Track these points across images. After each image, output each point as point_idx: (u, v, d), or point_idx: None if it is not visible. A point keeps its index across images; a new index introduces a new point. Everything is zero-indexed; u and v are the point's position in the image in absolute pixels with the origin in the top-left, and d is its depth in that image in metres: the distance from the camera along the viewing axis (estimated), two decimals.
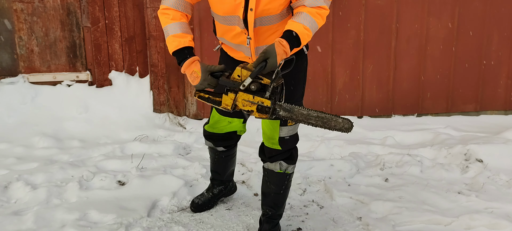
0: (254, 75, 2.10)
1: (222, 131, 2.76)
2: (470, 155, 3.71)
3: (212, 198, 3.04)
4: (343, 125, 2.19)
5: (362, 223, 2.87)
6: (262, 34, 2.29)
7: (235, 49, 2.43)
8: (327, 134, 4.53)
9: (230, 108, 2.19)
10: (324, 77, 4.82)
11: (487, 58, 4.99)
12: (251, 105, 2.16)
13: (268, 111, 2.15)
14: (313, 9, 2.19)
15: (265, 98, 2.13)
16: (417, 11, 4.78)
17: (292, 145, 2.55)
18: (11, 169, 3.55)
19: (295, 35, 2.14)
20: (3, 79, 4.66)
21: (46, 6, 4.62)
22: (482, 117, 5.09)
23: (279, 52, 2.09)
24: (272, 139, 2.51)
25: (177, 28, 2.24)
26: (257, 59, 2.10)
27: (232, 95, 2.17)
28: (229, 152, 2.91)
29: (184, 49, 2.24)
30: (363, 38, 4.78)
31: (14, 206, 3.02)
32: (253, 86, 2.12)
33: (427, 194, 3.19)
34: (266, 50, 2.08)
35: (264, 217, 2.71)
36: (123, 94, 4.76)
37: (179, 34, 2.24)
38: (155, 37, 4.62)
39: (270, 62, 2.07)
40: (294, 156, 2.60)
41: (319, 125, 2.18)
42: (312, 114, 2.17)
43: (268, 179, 2.63)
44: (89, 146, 4.09)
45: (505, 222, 2.78)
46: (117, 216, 2.85)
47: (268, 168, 2.61)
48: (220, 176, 3.02)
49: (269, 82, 2.11)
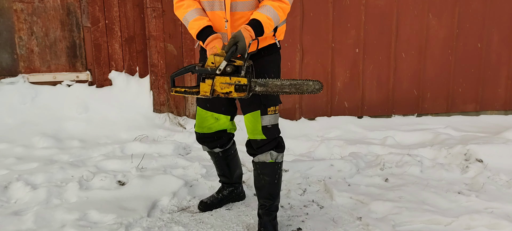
0: (228, 58, 2.28)
1: (211, 130, 2.79)
2: (470, 155, 3.71)
3: (221, 200, 3.07)
4: (314, 86, 2.36)
5: (362, 223, 2.87)
6: (237, 20, 2.45)
7: None
8: (327, 134, 4.53)
9: (209, 94, 2.34)
10: (324, 77, 4.82)
11: (487, 58, 4.99)
12: (228, 87, 2.32)
13: (246, 89, 2.32)
14: (275, 3, 2.40)
15: (241, 77, 2.31)
16: (417, 11, 4.79)
17: (276, 133, 2.63)
18: (11, 169, 3.55)
19: (259, 22, 2.36)
20: (3, 79, 4.66)
21: (46, 6, 4.62)
22: (482, 117, 5.09)
23: (246, 35, 2.31)
24: (255, 130, 2.58)
25: (194, 13, 2.45)
26: (228, 44, 2.30)
27: (209, 81, 2.33)
28: (227, 152, 2.93)
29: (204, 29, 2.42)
30: (363, 38, 4.78)
31: (14, 206, 3.02)
32: (228, 69, 2.30)
33: (427, 194, 3.19)
34: (234, 35, 2.29)
35: (262, 210, 2.75)
36: (123, 95, 4.76)
37: (197, 17, 2.44)
38: (155, 37, 4.62)
39: (240, 45, 2.29)
40: (281, 144, 2.68)
41: (293, 91, 2.37)
42: (285, 83, 2.35)
43: (261, 171, 2.67)
44: (89, 146, 4.09)
45: (505, 222, 2.78)
46: (117, 216, 2.85)
47: (259, 160, 2.65)
48: (228, 179, 3.06)
49: (242, 63, 2.31)
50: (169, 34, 4.61)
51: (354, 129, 4.63)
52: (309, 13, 4.66)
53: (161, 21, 4.58)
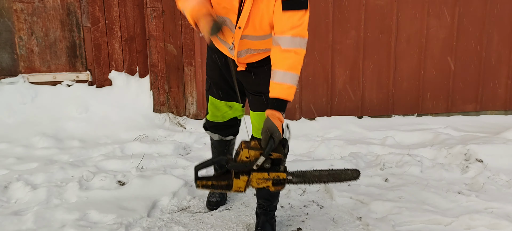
0: (267, 154, 2.13)
1: (225, 119, 2.79)
2: (470, 155, 3.71)
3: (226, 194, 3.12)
4: (352, 175, 2.33)
5: (362, 223, 2.87)
6: (245, 45, 2.38)
7: (220, 43, 2.48)
8: (327, 134, 4.53)
9: (244, 190, 2.23)
10: (324, 77, 4.82)
11: (487, 58, 4.99)
12: (266, 182, 2.21)
13: (284, 183, 2.23)
14: (289, 56, 2.18)
15: (280, 172, 2.20)
16: (417, 11, 4.79)
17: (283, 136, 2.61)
18: (11, 169, 3.54)
19: (283, 101, 2.20)
20: (3, 79, 4.66)
21: (46, 6, 4.62)
22: (482, 117, 5.09)
23: (278, 124, 2.16)
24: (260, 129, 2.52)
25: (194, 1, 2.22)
26: (263, 138, 2.14)
27: (245, 177, 2.20)
28: (235, 139, 2.96)
29: None
30: (363, 38, 4.78)
31: (14, 206, 3.02)
32: (266, 164, 2.18)
33: (427, 194, 3.19)
34: (267, 128, 2.14)
35: (260, 209, 2.76)
36: (123, 95, 4.76)
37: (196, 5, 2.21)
38: (155, 37, 4.62)
39: (276, 137, 2.14)
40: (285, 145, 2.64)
41: (331, 180, 2.32)
42: (323, 173, 2.29)
43: None
44: (89, 146, 4.09)
45: (505, 222, 2.78)
46: (117, 216, 2.85)
47: None
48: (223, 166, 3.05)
49: (280, 156, 2.17)
50: (169, 34, 4.61)
51: (354, 129, 4.63)
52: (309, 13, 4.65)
53: (161, 21, 4.58)
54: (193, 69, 4.69)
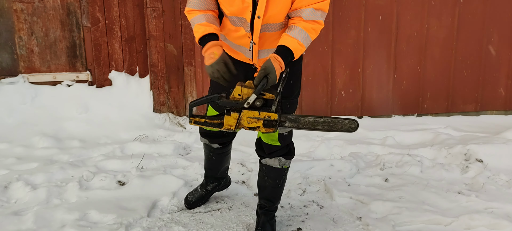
0: (258, 91, 2.11)
1: None
2: (470, 155, 3.71)
3: (205, 195, 3.08)
4: (349, 125, 2.25)
5: (362, 223, 2.87)
6: (266, 40, 2.34)
7: (235, 49, 2.45)
8: (328, 134, 4.53)
9: (234, 128, 2.21)
10: (324, 77, 4.82)
11: (487, 58, 4.99)
12: (256, 122, 2.19)
13: (275, 125, 2.19)
14: (308, 24, 2.22)
15: (272, 112, 2.17)
16: (417, 11, 4.78)
17: (290, 139, 2.62)
18: (11, 169, 3.55)
19: (289, 51, 2.19)
20: (3, 79, 4.66)
21: (46, 6, 4.62)
22: (482, 117, 5.09)
23: (276, 67, 2.14)
24: (271, 135, 2.54)
25: (202, 18, 2.29)
26: (258, 75, 2.13)
27: (235, 114, 2.18)
28: (224, 149, 2.92)
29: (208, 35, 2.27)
30: (363, 38, 4.78)
31: (14, 206, 3.02)
32: (258, 103, 2.16)
33: (427, 194, 3.19)
34: (265, 66, 2.13)
35: (261, 209, 2.76)
36: (123, 95, 4.76)
37: (204, 23, 2.28)
38: (155, 37, 4.62)
39: (271, 78, 2.12)
40: (292, 151, 2.67)
41: (326, 129, 2.24)
42: (318, 120, 2.23)
43: (266, 174, 2.68)
44: (89, 146, 4.09)
45: (505, 222, 2.78)
46: (117, 216, 2.85)
47: (266, 163, 2.65)
48: (213, 172, 3.03)
49: (273, 96, 2.15)
50: (169, 34, 4.61)
51: None
52: None
53: (161, 21, 4.58)
54: (193, 69, 4.69)
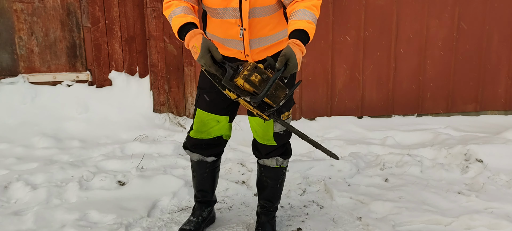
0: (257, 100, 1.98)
1: (209, 136, 2.53)
2: (470, 155, 3.71)
3: (202, 222, 2.73)
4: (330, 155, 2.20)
5: (362, 223, 2.87)
6: (256, 26, 2.26)
7: (225, 45, 2.37)
8: (327, 134, 4.53)
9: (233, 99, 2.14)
10: (324, 77, 4.82)
11: (487, 58, 4.99)
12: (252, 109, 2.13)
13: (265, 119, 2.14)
14: (308, 3, 2.16)
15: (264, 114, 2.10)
16: (417, 11, 4.79)
17: (287, 139, 2.55)
18: (11, 169, 3.54)
19: (304, 32, 2.10)
20: (3, 79, 4.66)
21: (46, 6, 4.62)
22: (482, 116, 5.09)
23: (297, 51, 2.03)
24: (266, 135, 2.49)
25: (178, 10, 2.19)
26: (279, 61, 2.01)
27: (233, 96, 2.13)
28: (218, 162, 2.70)
29: (186, 25, 2.16)
30: (363, 38, 4.78)
31: (14, 206, 3.02)
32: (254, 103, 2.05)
33: (427, 194, 3.19)
34: (285, 53, 2.01)
35: (262, 209, 2.74)
36: (123, 95, 4.76)
37: (180, 15, 2.18)
38: (155, 37, 4.62)
39: (292, 63, 2.02)
40: (289, 150, 2.61)
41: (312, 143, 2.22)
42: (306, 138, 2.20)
43: (264, 174, 2.63)
44: (89, 146, 4.09)
45: (505, 222, 2.78)
46: (117, 216, 2.85)
47: (264, 164, 2.61)
48: (208, 195, 2.75)
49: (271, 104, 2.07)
50: (169, 34, 4.61)
51: (354, 129, 4.63)
52: None
53: (161, 21, 4.58)
54: (193, 69, 4.69)
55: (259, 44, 2.33)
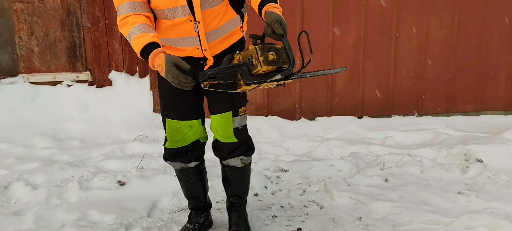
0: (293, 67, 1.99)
1: (186, 142, 2.49)
2: (470, 155, 3.71)
3: (198, 229, 2.70)
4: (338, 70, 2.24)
5: (362, 223, 2.87)
6: (208, 17, 2.23)
7: (178, 47, 2.31)
8: (327, 134, 4.53)
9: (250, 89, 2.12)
10: (324, 77, 4.82)
11: (487, 58, 4.99)
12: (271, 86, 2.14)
13: None
14: None
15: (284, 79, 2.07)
16: (417, 11, 4.79)
17: (246, 135, 2.52)
18: (11, 169, 3.55)
19: None
20: (3, 79, 4.66)
21: (46, 6, 4.62)
22: (482, 117, 5.09)
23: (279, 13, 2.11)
24: (226, 132, 2.43)
25: (136, 30, 2.11)
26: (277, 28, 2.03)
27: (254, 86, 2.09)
28: (201, 167, 2.65)
29: (147, 46, 2.09)
30: (363, 38, 4.78)
31: (14, 206, 3.02)
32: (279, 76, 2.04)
33: (427, 194, 3.19)
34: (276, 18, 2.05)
35: (232, 206, 2.71)
36: (123, 95, 4.76)
37: (139, 34, 2.10)
38: None
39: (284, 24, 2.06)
40: (251, 147, 2.57)
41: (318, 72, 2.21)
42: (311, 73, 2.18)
43: (230, 174, 2.58)
44: (89, 146, 4.09)
45: (505, 222, 2.78)
46: (117, 216, 2.85)
47: (228, 164, 2.54)
48: (200, 200, 2.71)
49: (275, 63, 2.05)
50: None
51: (354, 129, 4.63)
52: (309, 13, 4.66)
53: None
54: None
55: (215, 36, 2.29)
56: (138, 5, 2.16)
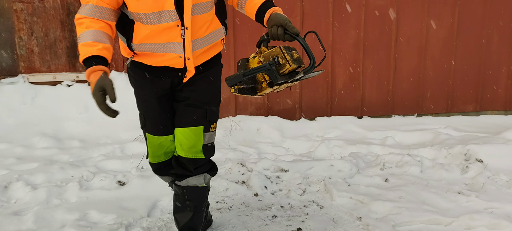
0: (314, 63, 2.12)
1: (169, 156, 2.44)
2: (470, 155, 3.71)
3: None
4: None
5: (362, 223, 2.87)
6: (196, 24, 2.13)
7: (159, 52, 2.17)
8: (327, 134, 4.53)
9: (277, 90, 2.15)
10: (324, 77, 4.82)
11: (487, 58, 4.99)
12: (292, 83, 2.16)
13: None
14: None
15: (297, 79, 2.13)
16: (417, 11, 4.79)
17: (212, 153, 2.39)
18: (11, 169, 3.55)
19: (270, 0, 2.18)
20: (3, 79, 4.66)
21: (46, 6, 4.62)
22: (482, 117, 5.09)
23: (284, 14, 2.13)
24: (194, 148, 2.30)
25: (88, 36, 1.98)
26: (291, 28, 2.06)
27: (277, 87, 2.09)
28: None
29: (91, 57, 1.97)
30: (363, 38, 4.78)
31: (14, 206, 3.02)
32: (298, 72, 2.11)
33: (427, 194, 3.19)
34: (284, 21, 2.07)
35: None
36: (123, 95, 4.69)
37: (89, 42, 1.97)
38: None
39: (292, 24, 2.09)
40: (215, 167, 2.46)
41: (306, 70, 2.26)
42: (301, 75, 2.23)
43: (188, 197, 2.37)
44: (89, 146, 4.09)
45: (505, 222, 2.78)
46: (117, 216, 2.85)
47: (188, 184, 2.36)
48: None
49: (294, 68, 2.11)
50: None
51: (354, 129, 4.63)
52: (309, 13, 4.66)
53: None
54: None
55: (201, 44, 2.20)
56: (101, 11, 2.04)
